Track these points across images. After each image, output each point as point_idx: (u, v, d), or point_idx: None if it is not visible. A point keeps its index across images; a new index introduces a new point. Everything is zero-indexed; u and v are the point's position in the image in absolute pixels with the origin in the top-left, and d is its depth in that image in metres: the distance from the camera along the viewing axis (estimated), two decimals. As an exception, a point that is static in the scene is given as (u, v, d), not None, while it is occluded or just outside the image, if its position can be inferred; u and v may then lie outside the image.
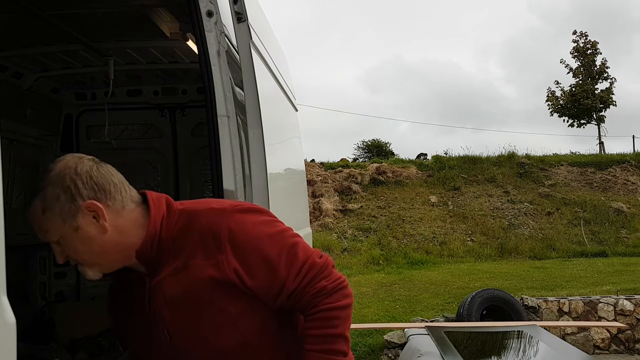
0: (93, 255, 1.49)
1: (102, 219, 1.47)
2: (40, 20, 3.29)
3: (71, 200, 1.45)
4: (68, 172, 1.49)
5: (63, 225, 1.45)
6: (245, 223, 1.52)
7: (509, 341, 5.15)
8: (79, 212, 1.45)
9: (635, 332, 8.28)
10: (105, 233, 1.47)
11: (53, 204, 1.45)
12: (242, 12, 2.29)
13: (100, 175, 1.51)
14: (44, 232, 1.48)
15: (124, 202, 1.52)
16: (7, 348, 1.08)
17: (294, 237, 1.60)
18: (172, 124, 4.97)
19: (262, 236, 1.52)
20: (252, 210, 1.60)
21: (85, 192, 1.46)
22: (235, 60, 2.36)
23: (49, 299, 4.72)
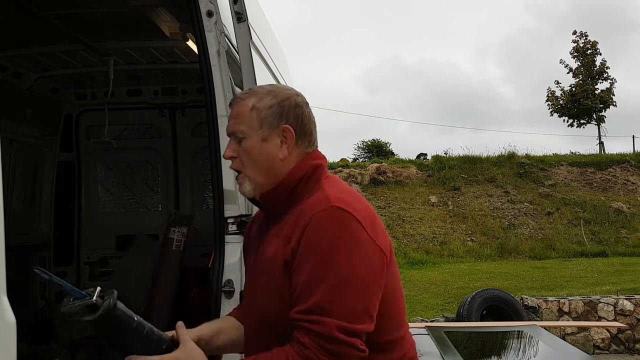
0: (259, 169, 1.56)
1: (286, 146, 1.55)
2: (40, 20, 3.29)
3: (279, 116, 1.55)
4: (292, 97, 1.60)
5: (257, 129, 1.55)
6: (331, 224, 1.41)
7: (509, 341, 5.15)
8: (276, 130, 1.55)
9: (635, 332, 8.28)
10: (282, 160, 1.55)
11: (265, 108, 1.55)
12: (242, 12, 2.29)
13: (308, 119, 1.61)
14: (236, 123, 1.57)
15: (305, 150, 1.60)
16: (7, 348, 1.08)
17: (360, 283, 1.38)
18: (172, 124, 4.97)
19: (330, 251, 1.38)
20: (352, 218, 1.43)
21: (291, 121, 1.56)
22: (235, 60, 2.37)
23: (49, 299, 4.71)
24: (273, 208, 1.58)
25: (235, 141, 1.58)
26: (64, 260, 4.82)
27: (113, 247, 4.89)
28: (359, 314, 1.36)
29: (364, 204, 1.52)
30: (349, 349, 1.33)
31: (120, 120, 4.87)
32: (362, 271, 1.39)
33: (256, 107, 1.56)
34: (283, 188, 1.55)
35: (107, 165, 5.02)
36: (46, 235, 4.76)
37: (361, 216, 1.44)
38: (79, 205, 4.91)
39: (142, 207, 5.03)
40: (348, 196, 1.49)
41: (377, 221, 1.51)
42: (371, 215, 1.50)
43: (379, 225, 1.50)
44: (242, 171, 1.58)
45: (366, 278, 1.40)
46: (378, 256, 1.45)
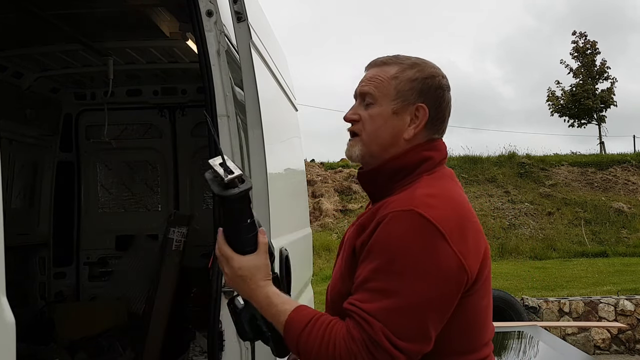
0: (380, 141, 1.46)
1: (414, 126, 1.45)
2: (40, 20, 3.29)
3: (417, 93, 1.45)
4: (437, 77, 1.49)
5: (391, 100, 1.45)
6: (402, 229, 1.30)
7: (509, 341, 5.14)
8: (410, 106, 1.45)
9: (635, 332, 8.27)
10: (406, 140, 1.45)
11: (405, 80, 1.46)
12: (242, 11, 2.28)
13: (447, 105, 1.51)
14: (371, 86, 1.47)
15: (432, 135, 1.49)
16: (7, 348, 1.07)
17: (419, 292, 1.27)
18: (172, 123, 4.96)
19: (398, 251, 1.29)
20: (432, 227, 1.29)
21: (429, 101, 1.46)
22: (235, 60, 2.36)
23: (49, 299, 4.71)
24: (370, 189, 1.52)
25: (361, 104, 1.48)
26: (64, 261, 4.82)
27: (113, 247, 4.89)
28: (411, 333, 1.27)
29: (458, 211, 1.37)
30: (388, 357, 1.25)
31: (120, 120, 4.87)
32: (428, 287, 1.27)
33: (397, 77, 1.45)
34: (380, 173, 1.47)
35: (106, 165, 5.02)
36: (46, 235, 4.75)
37: (445, 226, 1.30)
38: (78, 205, 4.91)
39: (141, 207, 5.03)
40: (439, 201, 1.35)
41: (468, 232, 1.35)
42: (462, 224, 1.34)
43: (471, 236, 1.35)
44: (359, 135, 1.48)
45: (430, 295, 1.27)
46: (454, 273, 1.30)
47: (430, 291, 1.27)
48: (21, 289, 4.54)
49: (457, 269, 1.30)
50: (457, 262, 1.29)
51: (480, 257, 1.38)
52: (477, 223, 1.42)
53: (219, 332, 2.13)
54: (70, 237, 4.86)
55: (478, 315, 1.43)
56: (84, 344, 4.14)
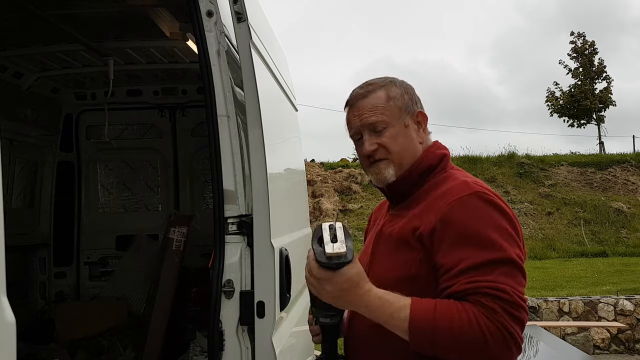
0: (407, 154, 1.64)
1: (422, 130, 1.68)
2: (40, 20, 3.29)
3: (413, 102, 1.68)
4: (408, 86, 1.72)
5: (399, 117, 1.64)
6: (477, 209, 1.49)
7: (509, 341, 5.14)
8: (413, 114, 1.66)
9: (635, 332, 8.28)
10: (421, 144, 1.67)
11: (399, 97, 1.65)
12: (242, 12, 2.28)
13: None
14: (376, 114, 1.62)
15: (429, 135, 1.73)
16: (7, 348, 1.08)
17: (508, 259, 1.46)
18: (172, 124, 4.96)
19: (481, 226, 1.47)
20: (495, 205, 1.51)
21: (420, 104, 1.71)
22: (235, 60, 2.36)
23: (49, 299, 4.71)
24: (400, 190, 1.67)
25: (373, 134, 1.63)
26: (64, 260, 4.82)
27: (113, 247, 4.89)
28: (522, 285, 1.48)
29: (495, 192, 1.61)
30: (525, 315, 1.44)
31: (120, 120, 4.87)
32: (518, 246, 1.50)
33: (392, 97, 1.65)
34: (414, 173, 1.63)
35: (107, 165, 5.02)
36: (46, 235, 4.76)
37: (501, 201, 1.54)
38: (78, 205, 4.91)
39: (142, 207, 5.03)
40: (483, 185, 1.58)
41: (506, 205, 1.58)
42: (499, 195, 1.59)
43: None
44: (387, 158, 1.64)
45: (521, 253, 1.50)
46: (520, 230, 1.54)
47: (520, 249, 1.50)
48: (21, 289, 4.54)
49: (518, 226, 1.54)
50: (516, 221, 1.54)
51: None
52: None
53: (219, 332, 2.13)
54: (71, 237, 4.86)
55: None
56: (84, 343, 4.15)
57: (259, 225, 2.16)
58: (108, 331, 4.28)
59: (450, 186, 1.56)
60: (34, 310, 4.57)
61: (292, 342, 2.60)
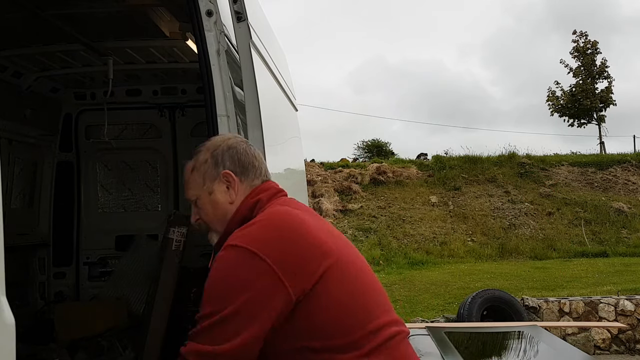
0: (217, 219, 1.68)
1: (232, 189, 1.67)
2: (40, 20, 3.28)
3: (215, 166, 1.68)
4: (222, 144, 1.72)
5: (202, 186, 1.68)
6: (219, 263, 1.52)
7: (510, 342, 5.14)
8: (217, 178, 1.67)
9: (636, 332, 8.27)
10: (231, 203, 1.67)
11: (201, 165, 1.69)
12: (242, 11, 2.28)
13: (246, 155, 1.71)
14: (187, 189, 1.72)
15: (252, 183, 1.71)
16: (7, 348, 1.07)
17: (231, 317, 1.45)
18: (172, 123, 4.96)
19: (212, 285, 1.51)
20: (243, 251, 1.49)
21: (228, 163, 1.68)
22: (235, 60, 2.36)
23: (49, 299, 4.71)
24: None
25: (194, 205, 1.71)
26: (63, 261, 4.82)
27: (112, 248, 4.88)
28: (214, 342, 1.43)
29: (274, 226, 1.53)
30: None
31: (119, 120, 4.86)
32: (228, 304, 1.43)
33: (194, 167, 1.70)
34: (229, 231, 1.62)
35: (106, 165, 5.02)
36: (45, 235, 4.75)
37: (258, 245, 1.46)
38: (78, 205, 4.90)
39: (141, 207, 5.02)
40: (251, 226, 1.53)
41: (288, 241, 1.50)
42: (280, 234, 1.50)
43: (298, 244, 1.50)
44: (208, 225, 1.71)
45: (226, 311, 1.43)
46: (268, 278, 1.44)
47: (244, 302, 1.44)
48: (21, 289, 4.54)
49: (272, 277, 1.44)
50: (268, 270, 1.45)
51: (312, 260, 1.49)
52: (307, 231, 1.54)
53: (218, 332, 2.12)
54: (70, 237, 4.85)
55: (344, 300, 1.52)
56: (84, 344, 4.14)
57: None
58: (108, 331, 4.27)
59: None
60: (34, 310, 4.57)
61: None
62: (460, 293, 9.46)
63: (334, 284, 1.52)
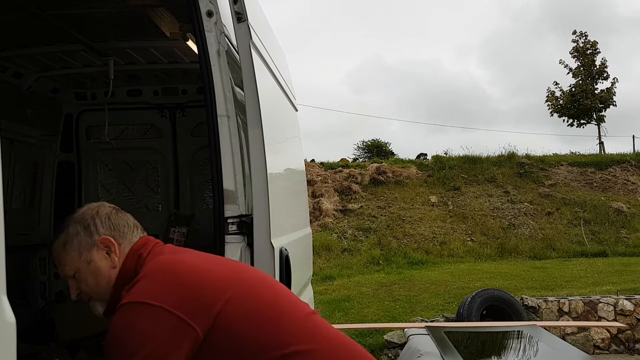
0: (99, 287, 1.64)
1: (113, 254, 1.64)
2: (40, 20, 3.29)
3: (89, 235, 1.65)
4: (90, 212, 1.69)
5: (79, 258, 1.63)
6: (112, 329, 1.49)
7: (509, 341, 5.15)
8: (95, 246, 1.64)
9: (635, 332, 8.27)
10: (114, 268, 1.64)
11: (73, 238, 1.65)
12: (242, 12, 2.29)
13: (117, 217, 1.71)
14: (62, 266, 1.66)
15: (132, 242, 1.69)
16: (7, 348, 1.08)
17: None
18: (172, 124, 4.97)
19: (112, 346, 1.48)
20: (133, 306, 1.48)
21: (102, 229, 1.66)
22: (235, 60, 2.36)
23: (49, 299, 4.72)
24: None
25: (72, 280, 1.66)
26: None
27: (113, 247, 4.89)
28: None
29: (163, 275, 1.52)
30: None
31: (120, 120, 4.87)
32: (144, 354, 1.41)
33: (65, 242, 1.65)
34: (117, 299, 1.58)
35: (107, 165, 5.02)
36: (46, 235, 4.75)
37: (152, 295, 1.46)
38: (79, 205, 4.89)
39: (142, 207, 5.03)
40: (138, 282, 1.51)
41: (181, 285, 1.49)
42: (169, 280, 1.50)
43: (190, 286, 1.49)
44: (90, 297, 1.67)
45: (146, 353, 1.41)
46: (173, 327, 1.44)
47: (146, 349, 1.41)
48: (22, 289, 4.54)
49: (171, 319, 1.43)
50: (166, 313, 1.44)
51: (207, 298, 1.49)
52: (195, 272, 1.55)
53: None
54: None
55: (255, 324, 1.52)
56: (85, 343, 4.14)
57: (259, 225, 2.16)
58: (108, 331, 4.27)
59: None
60: (34, 310, 4.57)
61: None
62: (459, 293, 9.46)
63: (235, 318, 1.50)
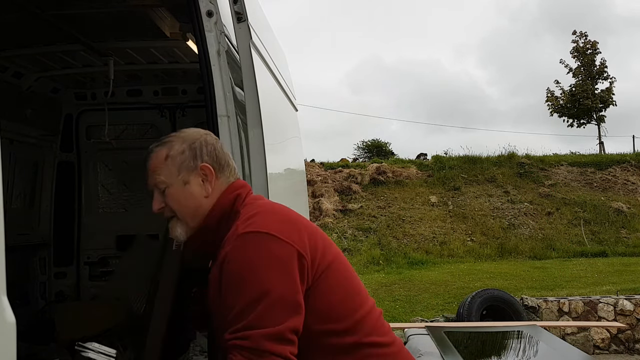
0: (189, 211, 1.66)
1: (208, 183, 1.66)
2: (40, 20, 3.29)
3: (193, 158, 1.67)
4: (199, 137, 1.71)
5: (177, 175, 1.66)
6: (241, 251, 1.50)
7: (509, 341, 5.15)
8: (195, 170, 1.66)
9: (635, 332, 8.28)
10: (206, 197, 1.66)
11: (177, 155, 1.67)
12: (242, 12, 2.29)
13: (221, 151, 1.73)
14: (156, 175, 1.68)
15: (227, 180, 1.71)
16: (7, 348, 1.08)
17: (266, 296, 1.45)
18: (172, 124, 4.96)
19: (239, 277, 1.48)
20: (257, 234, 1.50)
21: (206, 157, 1.68)
22: (235, 60, 2.36)
23: (49, 299, 4.72)
24: (204, 248, 1.70)
25: (159, 192, 1.69)
26: (64, 261, 4.82)
27: (113, 247, 4.89)
28: (286, 321, 1.44)
29: (279, 215, 1.59)
30: (274, 357, 1.41)
31: (120, 121, 4.87)
32: (276, 283, 1.45)
33: (170, 156, 1.67)
34: (207, 229, 1.65)
35: (107, 165, 5.02)
36: (46, 235, 4.76)
37: (269, 226, 1.51)
38: (79, 205, 4.91)
39: (141, 207, 5.03)
40: (256, 215, 1.56)
41: (297, 226, 1.57)
42: (288, 220, 1.58)
43: (304, 229, 1.57)
44: (174, 216, 1.69)
45: (279, 288, 1.45)
46: (295, 258, 1.50)
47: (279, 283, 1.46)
48: (22, 289, 4.54)
49: (295, 253, 1.50)
50: (290, 247, 1.50)
51: (311, 248, 1.55)
52: (306, 221, 1.67)
53: (219, 332, 2.13)
54: (71, 237, 4.86)
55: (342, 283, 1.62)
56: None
57: None
58: (108, 331, 4.28)
59: (227, 235, 1.58)
60: (34, 310, 4.57)
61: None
62: (459, 293, 9.46)
63: (338, 271, 1.61)
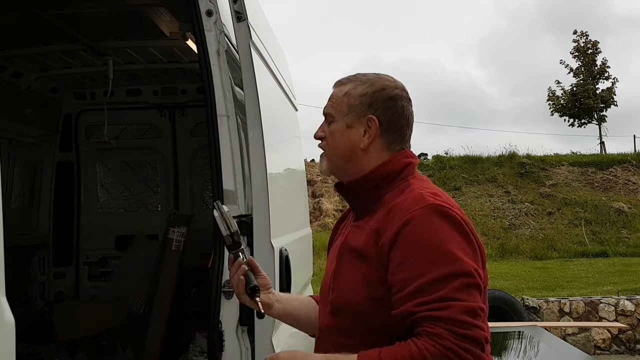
0: (339, 153, 1.60)
1: (368, 137, 1.56)
2: (40, 20, 3.28)
3: (367, 106, 1.56)
4: (387, 89, 1.59)
5: (345, 114, 1.57)
6: (430, 222, 1.42)
7: (510, 341, 5.14)
8: (362, 118, 1.56)
9: (636, 332, 8.27)
10: (363, 149, 1.57)
11: (356, 96, 1.58)
12: (242, 11, 2.28)
13: (400, 114, 1.59)
14: (329, 105, 1.61)
15: (391, 146, 1.59)
16: (7, 348, 1.07)
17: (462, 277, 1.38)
18: (172, 123, 4.96)
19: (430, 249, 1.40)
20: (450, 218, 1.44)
21: (380, 112, 1.57)
22: (235, 59, 2.36)
23: (49, 299, 4.71)
24: (357, 198, 1.61)
25: (326, 122, 1.62)
26: (63, 261, 4.82)
27: (112, 247, 4.89)
28: (477, 301, 1.38)
29: (454, 202, 1.54)
30: (477, 330, 1.34)
31: (119, 120, 4.87)
32: (469, 261, 1.40)
33: (349, 94, 1.58)
34: (370, 180, 1.56)
35: (106, 165, 5.02)
36: (45, 236, 4.75)
37: (459, 211, 1.47)
38: (78, 205, 4.90)
39: (141, 207, 5.02)
40: (441, 197, 1.50)
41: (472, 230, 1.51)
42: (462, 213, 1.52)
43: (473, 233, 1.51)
44: (325, 151, 1.63)
45: (471, 268, 1.40)
46: (479, 247, 1.48)
47: (471, 263, 1.40)
48: (21, 289, 4.54)
49: (475, 242, 1.47)
50: (473, 236, 1.47)
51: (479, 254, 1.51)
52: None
53: (219, 332, 2.13)
54: (70, 237, 4.86)
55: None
56: (84, 344, 4.14)
57: (259, 225, 2.16)
58: (108, 331, 4.27)
59: (406, 198, 1.47)
60: (34, 310, 4.57)
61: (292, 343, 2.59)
62: (460, 293, 9.45)
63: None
